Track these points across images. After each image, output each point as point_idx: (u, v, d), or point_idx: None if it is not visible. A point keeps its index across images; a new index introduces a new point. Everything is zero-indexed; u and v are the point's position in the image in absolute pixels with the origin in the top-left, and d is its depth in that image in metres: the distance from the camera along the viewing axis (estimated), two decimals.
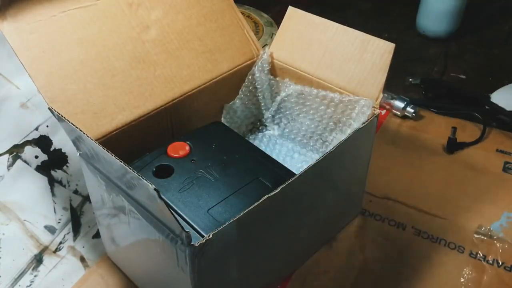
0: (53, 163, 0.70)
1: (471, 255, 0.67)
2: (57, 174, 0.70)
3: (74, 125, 0.48)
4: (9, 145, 0.68)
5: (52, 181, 0.69)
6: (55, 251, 0.66)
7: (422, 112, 0.91)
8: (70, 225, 0.68)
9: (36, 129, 0.70)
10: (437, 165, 0.80)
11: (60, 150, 0.71)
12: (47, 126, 0.71)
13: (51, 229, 0.67)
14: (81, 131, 0.47)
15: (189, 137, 0.62)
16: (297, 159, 0.75)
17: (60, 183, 0.69)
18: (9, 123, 0.69)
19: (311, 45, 0.68)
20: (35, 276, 0.64)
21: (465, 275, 0.64)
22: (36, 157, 0.69)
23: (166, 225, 0.45)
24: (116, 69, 0.60)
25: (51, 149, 0.70)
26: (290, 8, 0.70)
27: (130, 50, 0.61)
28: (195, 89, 0.66)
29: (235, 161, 0.59)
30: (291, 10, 0.70)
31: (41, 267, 0.65)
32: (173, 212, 0.42)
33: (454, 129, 0.83)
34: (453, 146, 0.83)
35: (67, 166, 0.71)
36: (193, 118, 0.68)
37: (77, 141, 0.52)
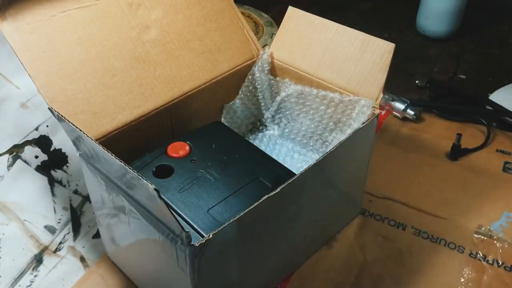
0: (53, 163, 0.70)
1: (471, 255, 0.67)
2: (57, 174, 0.70)
3: (74, 125, 0.48)
4: (9, 145, 0.68)
5: (52, 181, 0.69)
6: (55, 251, 0.66)
7: (422, 114, 0.90)
8: (70, 225, 0.68)
9: (36, 129, 0.70)
10: (437, 165, 0.80)
11: (60, 150, 0.71)
12: (47, 126, 0.71)
13: (51, 229, 0.67)
14: (81, 131, 0.47)
15: (189, 137, 0.62)
16: (297, 159, 0.75)
17: (60, 183, 0.69)
18: (9, 123, 0.69)
19: (311, 45, 0.68)
20: (35, 276, 0.64)
21: (465, 275, 0.64)
22: (36, 157, 0.69)
23: (166, 225, 0.45)
24: (116, 69, 0.60)
25: (51, 149, 0.70)
26: (290, 8, 0.70)
27: (130, 50, 0.61)
28: (195, 89, 0.66)
29: (235, 161, 0.59)
30: (291, 10, 0.70)
31: (41, 267, 0.65)
32: (173, 212, 0.42)
33: (459, 135, 0.81)
34: (457, 153, 0.81)
35: (67, 166, 0.71)
36: (193, 118, 0.68)
37: (77, 141, 0.52)
